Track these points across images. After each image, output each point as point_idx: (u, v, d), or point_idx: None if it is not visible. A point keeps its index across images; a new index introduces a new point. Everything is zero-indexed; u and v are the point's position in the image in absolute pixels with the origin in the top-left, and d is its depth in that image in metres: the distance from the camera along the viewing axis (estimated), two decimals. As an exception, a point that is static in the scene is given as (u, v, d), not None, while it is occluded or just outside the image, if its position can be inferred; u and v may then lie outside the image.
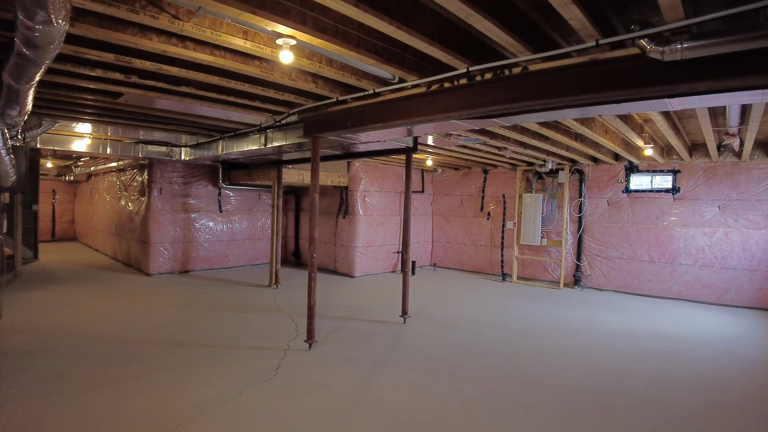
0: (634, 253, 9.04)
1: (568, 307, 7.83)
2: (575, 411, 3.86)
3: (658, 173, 8.85)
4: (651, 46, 2.75)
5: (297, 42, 3.24)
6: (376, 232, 10.38)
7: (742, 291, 8.02)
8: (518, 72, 3.44)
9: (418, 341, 5.63)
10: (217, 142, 7.45)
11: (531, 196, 10.05)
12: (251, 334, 5.70)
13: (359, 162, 9.96)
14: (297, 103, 5.03)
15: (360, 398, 3.96)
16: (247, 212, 11.01)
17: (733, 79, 2.74)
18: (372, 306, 7.37)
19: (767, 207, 7.83)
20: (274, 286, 8.60)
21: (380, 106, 4.39)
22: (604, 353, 5.41)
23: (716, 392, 4.34)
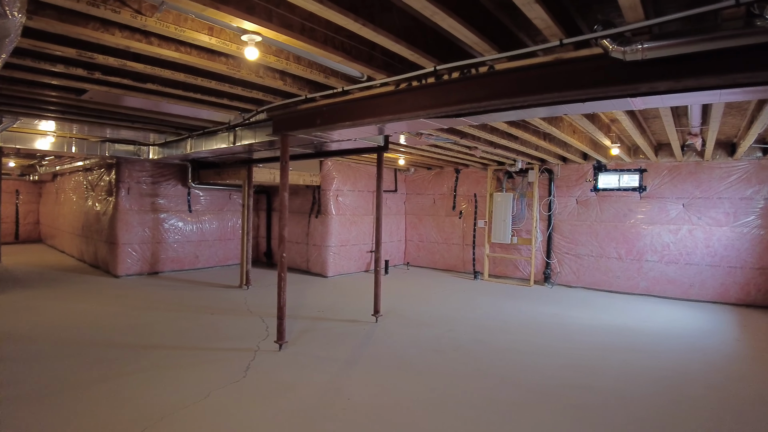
0: (602, 251, 9.23)
1: (538, 304, 7.94)
2: (544, 406, 3.91)
3: (626, 172, 9.05)
4: (613, 46, 2.81)
5: (263, 39, 3.21)
6: (349, 232, 10.35)
7: (706, 286, 8.27)
8: (485, 71, 3.47)
9: (389, 340, 5.63)
10: (185, 140, 7.33)
11: (502, 195, 10.16)
12: (221, 335, 5.63)
13: (332, 161, 9.92)
14: (265, 100, 4.98)
15: (330, 398, 3.94)
16: (217, 212, 10.87)
17: (691, 79, 2.81)
18: (344, 306, 7.35)
19: (728, 205, 8.08)
20: (245, 287, 8.50)
21: (349, 105, 4.37)
22: (573, 349, 5.50)
23: (680, 385, 4.46)
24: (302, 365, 4.70)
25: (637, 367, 4.93)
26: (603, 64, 3.01)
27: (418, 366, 4.80)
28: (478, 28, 3.01)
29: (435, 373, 4.63)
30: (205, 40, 3.31)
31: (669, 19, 2.56)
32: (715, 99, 3.44)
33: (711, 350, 5.54)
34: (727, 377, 4.70)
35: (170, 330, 5.77)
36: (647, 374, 4.72)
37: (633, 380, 4.55)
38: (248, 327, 5.99)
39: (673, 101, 3.59)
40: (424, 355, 5.13)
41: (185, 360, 4.73)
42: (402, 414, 3.70)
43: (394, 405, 3.86)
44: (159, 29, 3.10)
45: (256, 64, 3.95)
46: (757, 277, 7.91)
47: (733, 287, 8.08)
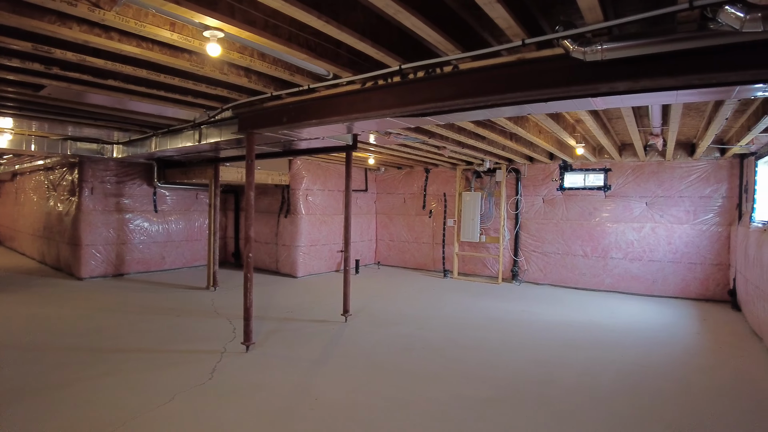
0: (568, 248, 9.41)
1: (505, 301, 8.05)
2: (510, 402, 3.96)
3: (591, 172, 9.24)
4: (574, 47, 2.85)
5: (225, 35, 3.16)
6: (319, 231, 10.30)
7: (668, 282, 8.52)
8: (449, 71, 3.49)
9: (358, 339, 5.63)
10: (150, 138, 7.17)
11: (470, 195, 10.26)
12: (186, 337, 5.53)
13: (301, 160, 9.85)
14: (230, 98, 4.91)
15: (298, 398, 3.92)
16: (184, 212, 10.68)
17: (648, 79, 2.88)
18: (314, 306, 7.30)
19: (689, 203, 8.34)
20: (212, 289, 8.38)
21: (316, 103, 4.35)
22: (539, 345, 5.59)
23: (643, 378, 4.57)
24: (269, 366, 4.66)
25: (602, 361, 5.04)
26: (564, 65, 3.06)
27: (387, 364, 4.81)
28: (443, 28, 3.03)
29: (404, 371, 4.63)
30: (167, 36, 3.24)
31: (626, 21, 2.61)
32: (672, 100, 3.54)
33: (672, 344, 5.71)
34: (687, 369, 4.85)
35: (134, 333, 5.64)
36: (612, 368, 4.83)
37: (598, 374, 4.65)
38: (215, 329, 5.90)
39: (632, 101, 3.68)
40: (393, 354, 5.14)
41: (149, 363, 4.63)
42: (370, 412, 3.70)
43: (363, 404, 3.86)
44: (119, 24, 3.02)
45: (219, 61, 3.89)
46: (716, 273, 8.18)
47: (693, 283, 8.34)
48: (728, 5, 2.38)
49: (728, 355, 5.31)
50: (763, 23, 2.34)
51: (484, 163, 9.63)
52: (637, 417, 3.71)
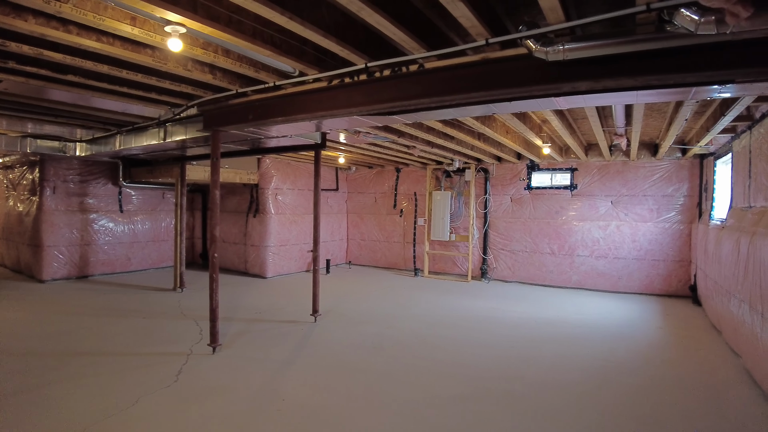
0: (536, 246, 9.56)
1: (475, 299, 8.13)
2: (478, 398, 4.00)
3: (558, 171, 9.41)
4: (536, 47, 2.89)
5: (188, 30, 3.10)
6: (289, 231, 10.21)
7: (633, 278, 8.74)
8: (415, 69, 3.50)
9: (328, 339, 5.60)
10: (114, 136, 7.00)
11: (440, 194, 10.33)
12: (152, 339, 5.42)
13: (270, 159, 9.76)
14: (195, 95, 4.83)
15: (265, 400, 3.88)
16: (150, 212, 10.46)
17: (609, 79, 2.94)
18: (283, 306, 7.24)
19: (652, 202, 8.57)
20: (179, 290, 8.23)
21: (282, 100, 4.30)
22: (508, 341, 5.65)
23: (606, 371, 4.69)
24: (236, 367, 4.60)
25: (568, 356, 5.13)
26: (528, 64, 3.10)
27: (356, 364, 4.80)
28: (407, 26, 3.03)
29: (373, 370, 4.63)
30: (128, 31, 3.17)
31: (587, 21, 2.66)
32: (633, 100, 3.62)
33: (636, 338, 5.85)
34: (650, 363, 4.98)
35: (98, 336, 5.50)
36: (577, 363, 4.92)
37: (564, 369, 4.74)
38: (181, 331, 5.80)
39: (594, 101, 3.74)
40: (362, 353, 5.13)
41: (113, 366, 4.52)
42: (338, 412, 3.69)
43: (331, 404, 3.84)
44: (76, 17, 2.93)
45: (183, 57, 3.82)
46: (678, 269, 8.41)
47: (657, 279, 8.56)
48: (683, 8, 2.44)
49: (689, 348, 5.46)
50: (717, 26, 2.41)
51: (453, 162, 9.72)
52: (602, 410, 3.79)
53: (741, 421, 3.60)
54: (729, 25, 2.38)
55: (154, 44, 3.40)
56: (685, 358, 5.14)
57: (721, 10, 2.34)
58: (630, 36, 2.70)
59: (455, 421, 3.57)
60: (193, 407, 3.68)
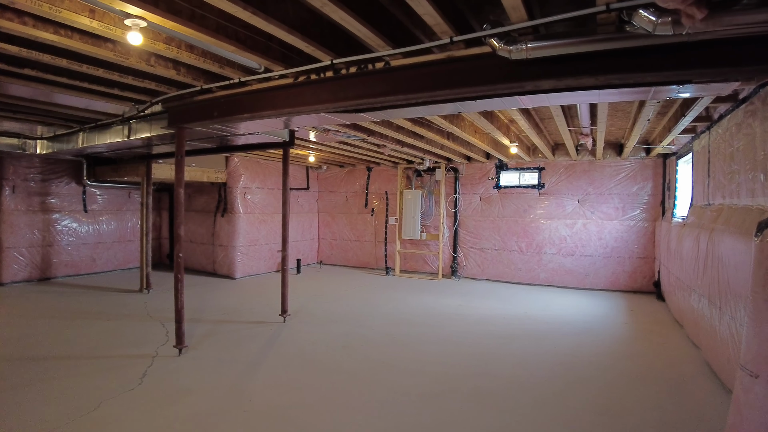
0: (504, 245, 9.68)
1: (445, 297, 8.18)
2: (446, 395, 4.01)
3: (526, 171, 9.54)
4: (500, 45, 2.91)
5: (149, 24, 3.03)
6: (258, 231, 10.09)
7: (599, 275, 8.92)
8: (381, 67, 3.50)
9: (296, 339, 5.55)
10: (77, 134, 6.81)
11: (411, 193, 10.37)
12: (116, 342, 5.29)
13: (238, 157, 9.62)
14: (160, 91, 4.72)
15: (231, 401, 3.82)
16: (116, 212, 10.21)
17: (570, 78, 2.98)
18: (252, 307, 7.15)
19: (618, 200, 8.76)
20: (146, 291, 8.05)
21: (247, 97, 4.25)
22: (477, 338, 5.70)
23: (572, 366, 4.77)
24: (203, 369, 4.52)
25: (536, 352, 5.20)
26: (492, 63, 3.12)
27: (325, 363, 4.77)
28: (372, 23, 3.02)
29: (342, 369, 4.61)
30: (86, 23, 3.07)
31: (548, 20, 2.69)
32: (595, 99, 3.68)
33: (602, 333, 5.97)
34: (614, 357, 5.09)
35: (59, 339, 5.33)
36: (544, 358, 5.00)
37: (531, 365, 4.80)
38: (147, 332, 5.67)
39: (557, 100, 3.80)
40: (331, 353, 5.10)
41: (75, 370, 4.38)
42: (305, 412, 3.66)
43: (298, 404, 3.81)
44: (31, 8, 2.82)
45: (145, 52, 3.74)
46: (643, 266, 8.61)
47: (622, 275, 8.76)
48: (642, 9, 2.49)
49: (652, 342, 5.60)
50: (673, 27, 2.47)
51: (424, 162, 9.77)
52: (567, 404, 3.85)
53: (700, 411, 3.71)
54: (685, 26, 2.43)
55: (114, 38, 3.31)
56: (649, 351, 5.26)
57: (677, 11, 2.40)
58: (591, 36, 2.75)
59: (423, 419, 3.57)
60: (158, 410, 3.61)
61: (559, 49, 2.80)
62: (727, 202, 4.66)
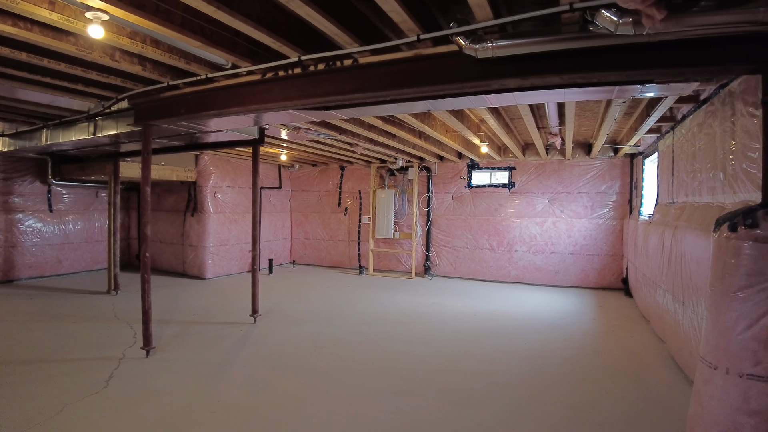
0: (476, 243, 9.78)
1: (417, 295, 8.22)
2: (417, 392, 4.03)
3: (497, 170, 9.66)
4: (466, 43, 2.94)
5: (112, 18, 2.96)
6: (229, 231, 9.95)
7: (568, 273, 9.07)
8: (350, 64, 3.49)
9: (267, 339, 5.50)
10: (40, 130, 6.61)
11: (384, 192, 10.38)
12: (82, 345, 5.15)
13: (208, 156, 9.48)
14: (126, 87, 4.62)
15: (200, 402, 3.76)
16: (83, 211, 9.95)
17: (536, 77, 3.02)
18: (222, 308, 7.06)
19: (587, 199, 8.92)
20: (114, 293, 7.88)
21: (215, 93, 4.18)
22: (448, 335, 5.75)
23: (542, 361, 4.84)
24: (171, 371, 4.44)
25: (506, 348, 5.26)
26: (459, 62, 3.14)
27: (296, 363, 4.74)
28: (342, 20, 3.01)
29: (312, 369, 4.59)
30: (46, 16, 2.98)
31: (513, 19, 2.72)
32: (561, 98, 3.74)
33: (571, 329, 6.07)
34: (583, 352, 5.19)
35: (22, 343, 5.17)
36: (514, 354, 5.06)
37: (501, 361, 4.85)
38: (114, 334, 5.56)
39: (524, 99, 3.84)
40: (302, 352, 5.07)
41: (38, 374, 4.25)
42: (274, 411, 3.63)
43: (268, 404, 3.77)
44: (-15, -1, 2.75)
45: (109, 47, 3.65)
46: (611, 263, 8.79)
47: (591, 273, 8.92)
48: (604, 9, 2.53)
49: (619, 337, 5.72)
50: (634, 27, 2.52)
51: (397, 161, 9.80)
52: (536, 399, 3.90)
53: (665, 403, 3.80)
54: (645, 26, 2.49)
55: (76, 31, 3.22)
56: (616, 346, 5.37)
57: (638, 11, 2.45)
58: (555, 35, 2.79)
59: (392, 416, 3.58)
60: (124, 413, 3.53)
61: (524, 48, 2.84)
62: (690, 199, 4.78)
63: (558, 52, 2.88)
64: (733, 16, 2.43)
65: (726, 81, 3.74)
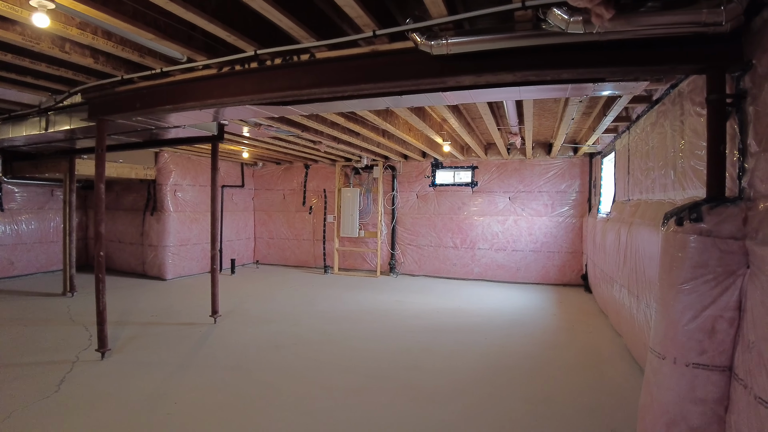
0: (440, 241, 9.87)
1: (382, 293, 8.24)
2: (378, 389, 4.04)
3: (460, 169, 9.77)
4: (422, 40, 2.95)
5: (59, 6, 2.86)
6: (189, 230, 9.74)
7: (530, 269, 9.25)
8: (307, 59, 3.46)
9: (227, 340, 5.42)
10: (-13, 126, 6.36)
11: (349, 191, 10.36)
12: (34, 348, 4.96)
13: (168, 153, 9.27)
14: (78, 80, 4.46)
15: (155, 404, 3.68)
16: (37, 211, 9.61)
17: (489, 74, 3.05)
18: (182, 308, 6.92)
19: (547, 197, 9.10)
20: (69, 294, 7.64)
21: (171, 88, 4.09)
22: (410, 332, 5.77)
23: (503, 357, 4.91)
24: (126, 373, 4.33)
25: (467, 344, 5.32)
26: (414, 58, 3.14)
27: (255, 363, 4.69)
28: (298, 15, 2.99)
29: (273, 368, 4.54)
30: (-14, 3, 2.87)
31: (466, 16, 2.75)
32: (516, 96, 3.78)
33: (532, 325, 6.18)
34: (543, 347, 5.28)
35: (-33, 347, 4.98)
36: (475, 350, 5.12)
37: (462, 357, 4.90)
38: (68, 337, 5.38)
39: (480, 96, 3.87)
40: (262, 353, 5.01)
41: (-18, 380, 4.10)
42: (231, 413, 3.57)
43: (225, 404, 3.72)
44: None
45: (59, 37, 3.53)
46: (571, 260, 8.98)
47: (552, 269, 9.10)
48: (555, 7, 2.58)
49: (579, 331, 5.86)
50: (584, 26, 2.57)
51: (361, 159, 9.80)
52: (497, 394, 3.96)
53: (621, 395, 3.92)
54: (595, 25, 2.54)
55: (21, 20, 3.08)
56: (576, 341, 5.49)
57: (587, 10, 2.51)
58: (508, 32, 2.83)
59: (353, 414, 3.58)
60: (75, 418, 3.42)
61: (478, 45, 2.87)
62: (644, 197, 4.92)
63: (512, 49, 2.92)
64: (678, 16, 2.50)
65: (676, 81, 3.86)
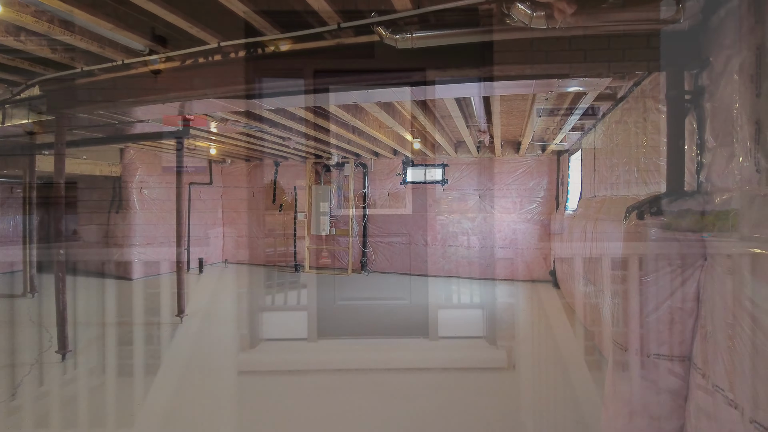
0: (411, 238, 9.92)
1: (352, 291, 8.24)
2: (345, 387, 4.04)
3: (430, 167, 9.81)
4: (387, 34, 2.94)
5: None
6: (156, 229, 9.55)
7: (499, 266, 9.40)
8: (271, 51, 3.42)
9: (192, 340, 5.33)
10: (-61, 120, 6.11)
11: (320, 188, 10.29)
12: (-10, 350, 4.83)
13: (134, 149, 9.05)
14: (35, 72, 4.32)
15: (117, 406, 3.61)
16: (-5, 209, 9.33)
17: (454, 69, 3.07)
18: (147, 308, 6.79)
19: (516, 195, 9.20)
20: (30, 295, 7.40)
21: (133, 81, 3.99)
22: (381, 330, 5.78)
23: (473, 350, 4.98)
24: (88, 375, 4.23)
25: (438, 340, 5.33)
26: (380, 52, 3.14)
27: (219, 363, 4.64)
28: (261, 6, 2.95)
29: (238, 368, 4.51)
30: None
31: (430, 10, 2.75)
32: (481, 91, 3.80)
33: (501, 320, 6.25)
34: (512, 341, 5.35)
35: None
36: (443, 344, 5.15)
37: (433, 352, 4.92)
38: (28, 339, 5.24)
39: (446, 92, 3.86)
40: (228, 352, 4.97)
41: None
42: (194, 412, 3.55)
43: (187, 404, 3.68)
44: None
45: (13, 26, 3.41)
46: (539, 256, 9.10)
47: (521, 265, 9.22)
48: (519, 2, 2.60)
49: (547, 326, 5.94)
50: (547, 21, 2.60)
51: (332, 156, 9.73)
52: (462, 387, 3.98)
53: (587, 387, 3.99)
54: (557, 20, 2.57)
55: (-29, 9, 3.00)
56: (544, 336, 5.57)
57: (550, 5, 2.54)
58: (472, 27, 2.84)
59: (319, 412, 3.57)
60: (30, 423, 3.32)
61: (442, 39, 2.87)
62: (609, 193, 5.01)
63: (476, 44, 2.93)
64: (638, 13, 2.55)
65: (639, 79, 3.94)
